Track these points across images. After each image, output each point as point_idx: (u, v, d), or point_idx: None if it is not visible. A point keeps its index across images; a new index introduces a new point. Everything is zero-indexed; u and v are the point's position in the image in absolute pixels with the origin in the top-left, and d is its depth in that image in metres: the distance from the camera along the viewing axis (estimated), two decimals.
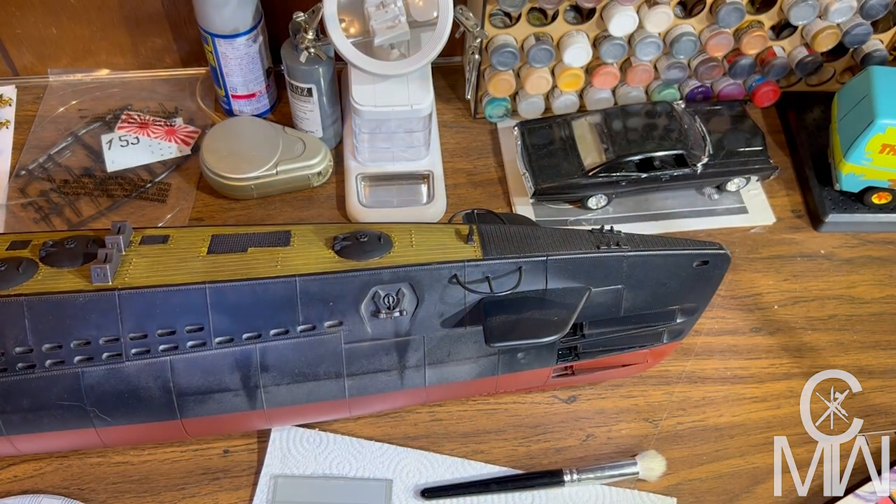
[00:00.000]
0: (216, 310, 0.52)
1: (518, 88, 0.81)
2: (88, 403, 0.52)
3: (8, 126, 0.81)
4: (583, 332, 0.59)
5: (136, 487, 0.60)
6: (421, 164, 0.77)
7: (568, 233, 0.58)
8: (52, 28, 0.80)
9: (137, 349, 0.52)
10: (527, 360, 0.59)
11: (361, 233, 0.56)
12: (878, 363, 0.69)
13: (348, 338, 0.54)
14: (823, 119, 0.82)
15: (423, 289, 0.54)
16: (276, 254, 0.55)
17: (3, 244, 0.55)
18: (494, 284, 0.54)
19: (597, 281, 0.56)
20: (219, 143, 0.75)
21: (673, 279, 0.58)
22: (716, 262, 0.58)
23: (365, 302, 0.54)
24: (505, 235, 0.57)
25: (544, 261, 0.55)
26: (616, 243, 0.56)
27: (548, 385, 0.63)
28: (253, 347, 0.53)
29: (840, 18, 0.77)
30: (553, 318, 0.54)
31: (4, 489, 0.59)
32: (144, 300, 0.51)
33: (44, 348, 0.51)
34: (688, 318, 0.61)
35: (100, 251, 0.52)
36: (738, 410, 0.66)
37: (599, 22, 0.76)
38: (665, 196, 0.78)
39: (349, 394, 0.56)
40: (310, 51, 0.69)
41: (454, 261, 0.54)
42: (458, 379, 0.58)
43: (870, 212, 0.77)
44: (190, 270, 0.53)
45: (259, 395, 0.54)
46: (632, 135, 0.74)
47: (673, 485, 0.62)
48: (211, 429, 0.58)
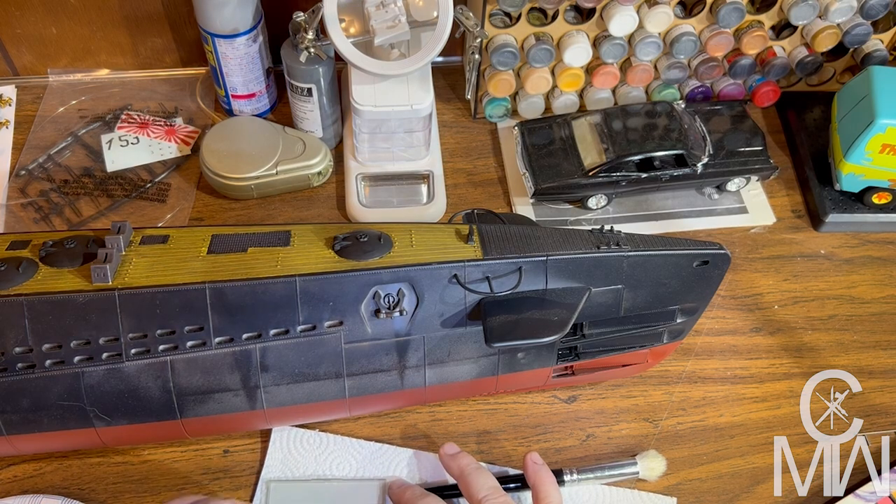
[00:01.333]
0: (216, 310, 0.52)
1: (518, 88, 0.81)
2: (88, 403, 0.52)
3: (8, 126, 0.81)
4: (583, 332, 0.59)
5: (136, 487, 0.60)
6: (421, 164, 0.77)
7: (568, 233, 0.58)
8: (52, 28, 0.80)
9: (137, 349, 0.52)
10: (527, 360, 0.59)
11: (361, 233, 0.56)
12: (879, 363, 0.69)
13: (348, 338, 0.54)
14: (823, 119, 0.82)
15: (423, 289, 0.54)
16: (277, 254, 0.55)
17: (3, 244, 0.55)
18: (494, 284, 0.54)
19: (597, 281, 0.56)
20: (219, 143, 0.75)
21: (673, 279, 0.58)
22: (716, 261, 0.58)
23: (365, 302, 0.54)
24: (505, 235, 0.57)
25: (544, 261, 0.55)
26: (616, 243, 0.56)
27: (548, 385, 0.63)
28: (253, 347, 0.53)
29: (840, 18, 0.77)
30: (553, 318, 0.54)
31: (4, 489, 0.59)
32: (144, 300, 0.51)
33: (44, 348, 0.51)
34: (688, 317, 0.61)
35: (100, 251, 0.52)
36: (738, 410, 0.66)
37: (599, 22, 0.76)
38: (665, 196, 0.78)
39: (349, 394, 0.56)
40: (310, 51, 0.69)
41: (454, 261, 0.54)
42: (458, 379, 0.58)
43: (870, 212, 0.77)
44: (190, 270, 0.53)
45: (259, 395, 0.54)
46: (632, 135, 0.74)
47: (673, 485, 0.62)
48: (211, 429, 0.58)
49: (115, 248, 0.53)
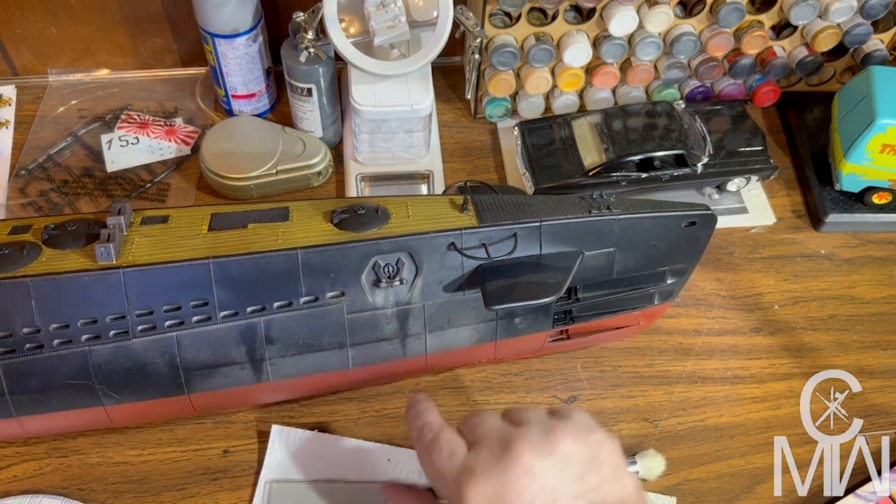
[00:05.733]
0: (220, 284, 0.52)
1: (518, 88, 0.81)
2: (97, 382, 0.52)
3: (8, 126, 0.81)
4: (577, 295, 0.60)
5: (136, 487, 0.60)
6: (421, 164, 0.77)
7: (560, 199, 0.59)
8: (52, 28, 0.80)
9: (144, 326, 0.52)
10: (524, 324, 0.59)
11: (359, 206, 0.56)
12: (879, 363, 0.69)
13: (350, 308, 0.54)
14: (823, 119, 0.82)
15: (421, 257, 0.55)
16: (277, 229, 0.55)
17: (5, 229, 0.55)
18: (491, 250, 0.55)
19: (589, 244, 0.57)
20: (219, 143, 0.75)
21: (662, 240, 0.59)
22: (703, 222, 0.60)
23: (366, 272, 0.54)
24: (499, 204, 0.58)
25: (538, 226, 0.56)
26: (607, 207, 0.58)
27: (545, 350, 0.64)
28: (257, 320, 0.53)
29: (840, 18, 0.77)
30: (549, 280, 0.55)
31: (4, 489, 0.59)
32: (149, 277, 0.52)
33: (51, 328, 0.51)
34: (678, 278, 0.63)
35: (102, 231, 0.53)
36: (738, 410, 0.66)
37: (599, 22, 0.76)
38: (665, 196, 0.78)
39: (353, 363, 0.57)
40: (310, 51, 0.69)
41: (451, 229, 0.55)
42: (459, 345, 0.59)
43: (870, 212, 0.77)
44: (192, 247, 0.53)
45: (265, 368, 0.55)
46: (632, 135, 0.74)
47: (673, 485, 0.62)
48: (219, 403, 0.58)
49: (117, 227, 0.53)
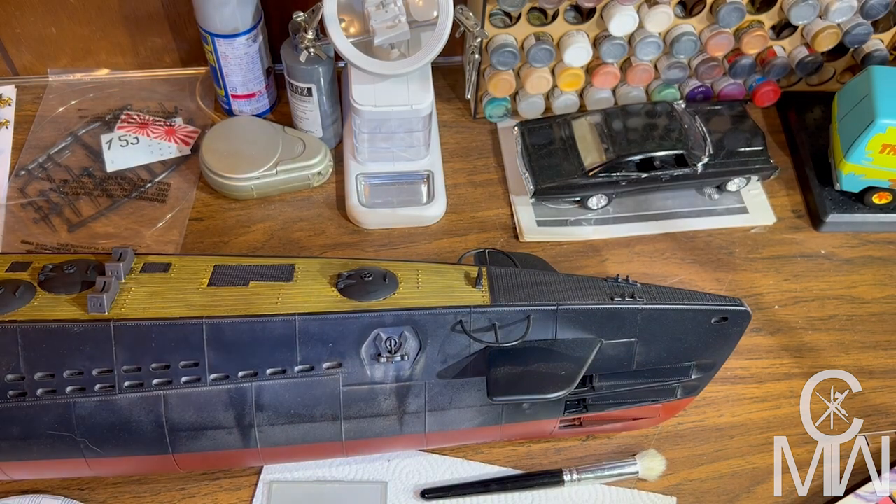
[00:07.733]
0: (212, 346, 0.51)
1: (518, 88, 0.81)
2: (79, 434, 0.51)
3: (7, 126, 0.81)
4: (592, 384, 0.57)
5: (136, 488, 0.60)
6: (421, 164, 0.77)
7: (581, 281, 0.56)
8: (52, 28, 0.80)
9: (131, 382, 0.51)
10: (532, 410, 0.57)
11: (366, 271, 0.54)
12: (879, 363, 0.69)
13: (347, 380, 0.53)
14: (824, 119, 0.82)
15: (426, 334, 0.53)
16: (278, 289, 0.54)
17: (4, 265, 0.55)
18: (501, 333, 0.52)
19: (609, 333, 0.54)
20: (218, 142, 0.75)
21: (689, 334, 0.55)
22: (735, 318, 0.56)
23: (366, 344, 0.52)
24: (516, 280, 0.55)
25: (554, 310, 0.53)
26: (631, 295, 0.54)
27: (554, 435, 0.61)
28: (248, 386, 0.52)
29: (840, 18, 0.77)
30: (560, 372, 0.52)
31: (4, 489, 0.59)
32: (140, 333, 0.50)
33: (36, 377, 0.50)
34: (704, 374, 0.59)
35: (98, 279, 0.52)
36: (739, 410, 0.66)
37: (599, 22, 0.76)
38: (665, 196, 0.78)
39: (346, 437, 0.55)
40: (310, 51, 0.69)
41: (460, 306, 0.53)
42: (460, 426, 0.56)
43: (870, 212, 0.77)
44: (189, 303, 0.52)
45: (253, 434, 0.53)
46: (632, 135, 0.74)
47: (673, 485, 0.62)
48: (203, 464, 0.57)
49: (113, 276, 0.52)
